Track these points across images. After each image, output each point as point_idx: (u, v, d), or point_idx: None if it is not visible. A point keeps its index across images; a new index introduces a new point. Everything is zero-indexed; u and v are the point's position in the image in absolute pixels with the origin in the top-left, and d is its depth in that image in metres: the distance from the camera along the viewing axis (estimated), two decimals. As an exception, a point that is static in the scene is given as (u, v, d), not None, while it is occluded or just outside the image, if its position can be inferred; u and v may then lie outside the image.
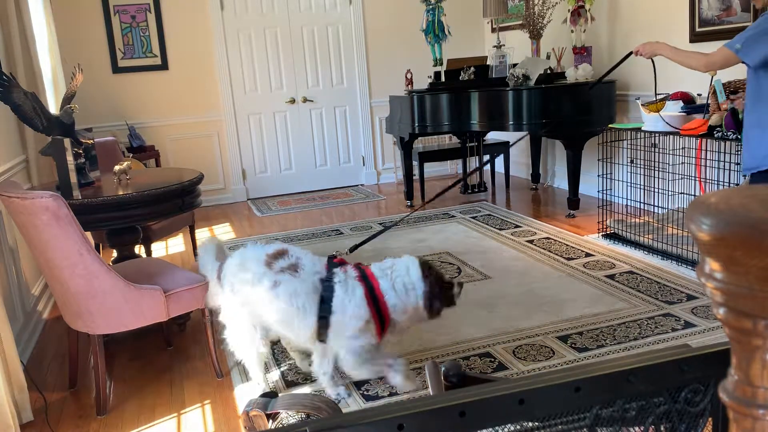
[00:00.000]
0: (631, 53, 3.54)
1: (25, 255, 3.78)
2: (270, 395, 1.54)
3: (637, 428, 0.95)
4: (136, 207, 3.17)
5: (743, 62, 2.84)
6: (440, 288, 2.56)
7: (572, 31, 5.54)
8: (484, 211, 5.68)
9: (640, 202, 4.73)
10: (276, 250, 2.63)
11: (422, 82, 6.15)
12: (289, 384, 2.88)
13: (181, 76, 6.51)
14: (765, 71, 2.83)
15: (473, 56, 6.28)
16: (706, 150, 4.00)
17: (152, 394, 2.90)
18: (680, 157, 4.28)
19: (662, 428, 0.96)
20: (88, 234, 3.24)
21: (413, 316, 2.58)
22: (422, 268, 2.56)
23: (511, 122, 5.22)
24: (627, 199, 4.74)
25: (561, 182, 6.36)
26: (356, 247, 2.96)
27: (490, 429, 0.88)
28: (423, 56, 6.59)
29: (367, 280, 2.53)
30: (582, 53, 5.47)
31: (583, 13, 5.40)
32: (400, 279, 2.53)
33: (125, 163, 3.52)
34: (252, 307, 2.61)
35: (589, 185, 5.74)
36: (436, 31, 5.83)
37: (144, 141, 6.21)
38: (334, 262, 2.62)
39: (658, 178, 4.63)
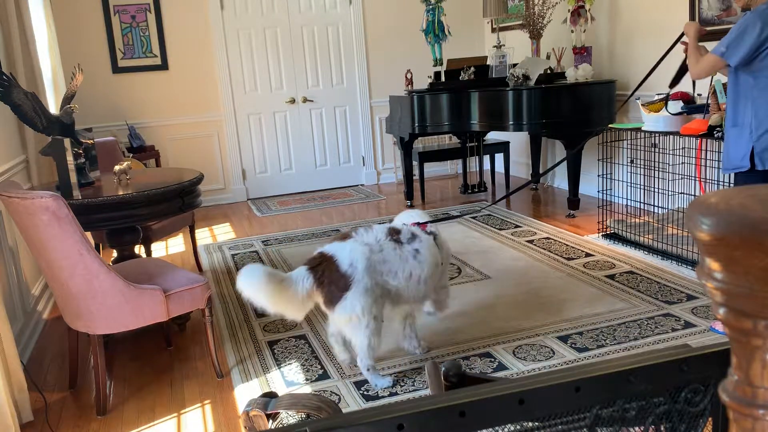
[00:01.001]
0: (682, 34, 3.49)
1: (25, 255, 3.78)
2: (270, 395, 1.54)
3: (637, 428, 0.95)
4: (136, 207, 3.17)
5: (728, 64, 2.89)
6: None
7: (572, 31, 5.54)
8: (483, 211, 5.68)
9: (640, 202, 4.73)
10: (388, 228, 2.90)
11: (422, 82, 6.15)
12: (289, 384, 2.88)
13: (181, 76, 6.51)
14: (744, 70, 2.88)
15: (473, 56, 6.28)
16: (706, 150, 4.00)
17: (152, 394, 2.90)
18: (680, 157, 4.28)
19: (662, 428, 0.96)
20: (88, 234, 3.24)
21: None
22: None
23: (511, 122, 5.22)
24: (627, 199, 4.74)
25: (561, 182, 6.36)
26: (436, 221, 3.28)
27: (490, 429, 0.88)
28: (423, 56, 6.59)
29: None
30: (582, 53, 5.47)
31: (583, 13, 5.40)
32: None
33: (125, 163, 3.52)
34: (388, 280, 2.77)
35: (589, 185, 5.74)
36: (436, 31, 5.83)
37: (144, 141, 6.21)
38: (419, 227, 3.00)
39: (658, 178, 4.63)
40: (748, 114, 2.91)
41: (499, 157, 6.73)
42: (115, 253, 3.73)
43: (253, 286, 2.60)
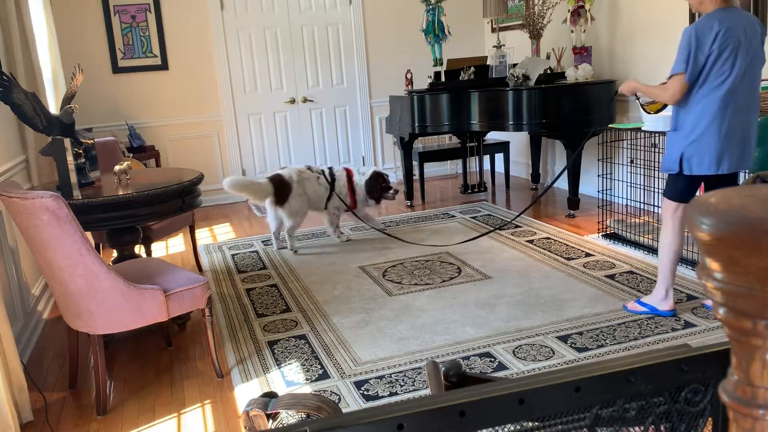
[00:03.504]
0: (616, 92, 3.74)
1: (25, 255, 3.78)
2: (270, 395, 1.54)
3: (637, 428, 0.95)
4: (136, 207, 3.17)
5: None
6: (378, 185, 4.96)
7: (572, 31, 5.54)
8: (484, 211, 5.68)
9: (640, 202, 4.73)
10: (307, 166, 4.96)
11: (422, 82, 6.15)
12: (289, 384, 2.89)
13: (181, 76, 6.51)
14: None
15: (473, 56, 6.28)
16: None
17: (152, 394, 2.91)
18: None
19: (662, 428, 0.96)
20: (88, 234, 3.24)
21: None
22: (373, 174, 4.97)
23: (511, 122, 5.22)
24: (627, 199, 4.75)
25: (561, 182, 6.36)
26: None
27: (490, 429, 0.88)
28: (423, 56, 6.60)
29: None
30: (582, 53, 5.47)
31: (583, 13, 5.40)
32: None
33: (125, 163, 3.52)
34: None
35: (589, 185, 5.74)
36: (436, 31, 5.83)
37: (144, 141, 6.21)
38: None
39: (658, 178, 4.63)
40: (686, 120, 3.02)
41: (499, 157, 6.73)
42: (115, 253, 3.73)
43: (234, 185, 4.61)
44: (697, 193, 3.20)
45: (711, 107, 2.93)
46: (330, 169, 4.95)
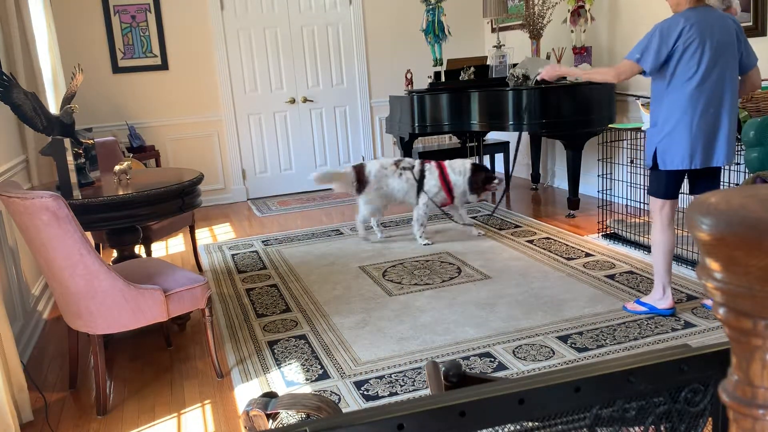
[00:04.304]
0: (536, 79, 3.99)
1: (25, 255, 3.78)
2: (270, 395, 1.54)
3: (637, 428, 0.95)
4: (136, 207, 3.17)
5: (643, 70, 3.04)
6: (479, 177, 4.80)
7: (572, 31, 5.54)
8: (484, 211, 5.68)
9: (640, 202, 4.73)
10: (396, 159, 4.96)
11: (422, 82, 6.15)
12: (289, 384, 2.89)
13: (181, 76, 6.51)
14: (657, 76, 3.05)
15: (473, 56, 6.28)
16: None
17: (152, 394, 2.91)
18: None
19: (662, 428, 0.96)
20: (88, 234, 3.24)
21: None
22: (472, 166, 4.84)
23: (511, 122, 5.22)
24: (627, 199, 4.74)
25: (561, 182, 6.36)
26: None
27: (490, 429, 0.88)
28: (423, 56, 6.59)
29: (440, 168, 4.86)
30: (582, 53, 5.47)
31: (583, 13, 5.40)
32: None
33: (125, 163, 3.52)
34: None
35: (589, 185, 5.74)
36: (436, 31, 5.83)
37: (144, 141, 6.21)
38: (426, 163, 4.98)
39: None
40: (659, 116, 3.08)
41: (499, 157, 6.73)
42: (115, 253, 3.73)
43: (320, 178, 4.84)
44: (682, 189, 3.24)
45: (680, 102, 2.99)
46: (421, 164, 4.86)
